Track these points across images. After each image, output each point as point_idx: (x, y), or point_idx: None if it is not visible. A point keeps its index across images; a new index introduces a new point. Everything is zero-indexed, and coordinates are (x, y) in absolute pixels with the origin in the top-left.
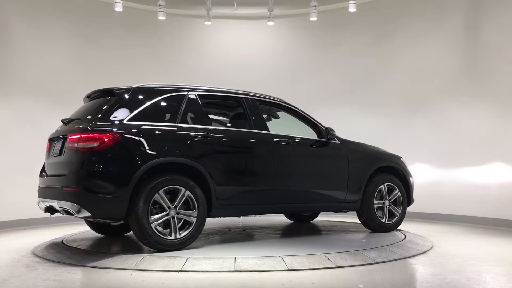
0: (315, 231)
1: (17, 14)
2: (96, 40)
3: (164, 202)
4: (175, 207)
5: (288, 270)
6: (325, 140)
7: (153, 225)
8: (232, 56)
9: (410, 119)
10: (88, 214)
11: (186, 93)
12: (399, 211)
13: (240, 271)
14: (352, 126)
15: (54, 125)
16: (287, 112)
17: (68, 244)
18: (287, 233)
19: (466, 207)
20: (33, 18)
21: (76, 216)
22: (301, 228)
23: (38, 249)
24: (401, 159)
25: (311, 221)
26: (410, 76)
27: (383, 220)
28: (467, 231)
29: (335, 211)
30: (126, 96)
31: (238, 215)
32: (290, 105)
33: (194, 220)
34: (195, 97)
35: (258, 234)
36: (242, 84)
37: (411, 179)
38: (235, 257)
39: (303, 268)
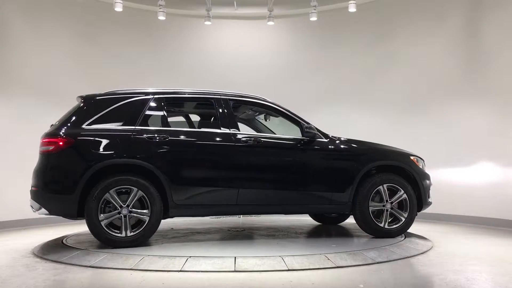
0: (316, 231)
1: (17, 13)
2: (96, 40)
3: (115, 201)
4: (127, 206)
5: (288, 270)
6: (307, 138)
7: (103, 223)
8: (232, 56)
9: (410, 119)
10: (46, 211)
11: (151, 97)
12: (405, 215)
13: (240, 271)
14: (352, 126)
15: None
16: (269, 110)
17: (68, 244)
18: (287, 233)
19: (466, 207)
20: (33, 18)
21: (39, 213)
22: (301, 229)
23: (38, 249)
24: (411, 158)
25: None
26: (410, 75)
27: (381, 225)
28: (467, 231)
29: (324, 213)
30: (92, 102)
31: (199, 215)
32: (271, 103)
33: (147, 219)
34: (159, 101)
35: (258, 234)
36: (242, 83)
37: (426, 181)
38: (235, 257)
39: (303, 268)
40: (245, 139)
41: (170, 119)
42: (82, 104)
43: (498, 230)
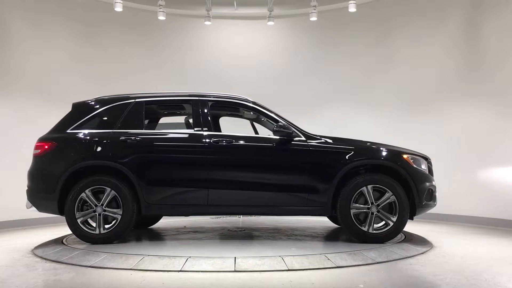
0: (316, 231)
1: (17, 13)
2: (96, 39)
3: (90, 200)
4: (102, 205)
5: (288, 270)
6: (285, 137)
7: (78, 220)
8: (231, 56)
9: (410, 119)
10: (35, 209)
11: (133, 101)
12: (393, 219)
13: (240, 271)
14: (351, 125)
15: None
16: (249, 110)
17: (68, 244)
18: (287, 233)
19: (466, 207)
20: (33, 17)
21: (30, 211)
22: (301, 229)
23: (38, 249)
24: (405, 156)
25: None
26: (410, 75)
27: (365, 229)
28: (467, 231)
29: (303, 215)
30: (79, 108)
31: (171, 215)
32: (251, 102)
33: (120, 217)
34: (139, 104)
35: (258, 234)
36: (242, 83)
37: (426, 183)
38: (235, 257)
39: (303, 268)
40: (216, 139)
41: (187, 121)
42: (71, 110)
43: (498, 230)
